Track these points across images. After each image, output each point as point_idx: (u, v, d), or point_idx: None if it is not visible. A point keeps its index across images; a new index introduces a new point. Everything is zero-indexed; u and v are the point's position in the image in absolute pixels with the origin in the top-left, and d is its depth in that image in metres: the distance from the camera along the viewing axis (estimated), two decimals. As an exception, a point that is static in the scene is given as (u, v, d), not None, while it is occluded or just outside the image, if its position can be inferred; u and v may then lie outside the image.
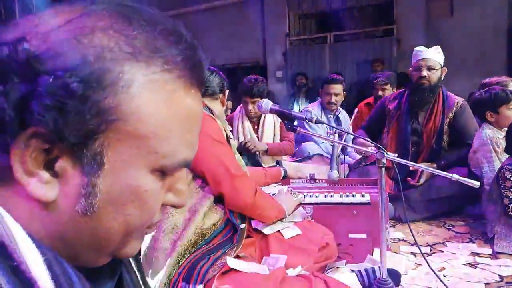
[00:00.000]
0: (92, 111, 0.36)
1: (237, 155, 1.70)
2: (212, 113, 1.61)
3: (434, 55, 2.70)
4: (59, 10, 0.40)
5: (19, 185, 0.37)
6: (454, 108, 2.75)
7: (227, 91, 1.76)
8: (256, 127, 3.10)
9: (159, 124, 0.40)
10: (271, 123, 3.10)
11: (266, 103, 1.60)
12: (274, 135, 3.12)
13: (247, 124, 3.07)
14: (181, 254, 1.36)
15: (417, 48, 2.80)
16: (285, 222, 1.68)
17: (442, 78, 2.76)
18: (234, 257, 1.38)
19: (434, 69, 2.70)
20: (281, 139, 3.11)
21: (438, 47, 2.73)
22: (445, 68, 2.75)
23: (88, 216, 0.39)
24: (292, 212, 1.75)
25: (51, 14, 0.40)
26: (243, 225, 1.51)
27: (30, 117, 0.35)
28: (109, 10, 0.40)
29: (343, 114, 3.60)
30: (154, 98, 0.39)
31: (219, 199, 1.51)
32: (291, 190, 1.86)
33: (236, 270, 1.31)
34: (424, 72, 2.69)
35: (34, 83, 0.35)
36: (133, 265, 0.54)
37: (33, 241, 0.36)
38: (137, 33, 0.39)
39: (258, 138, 3.06)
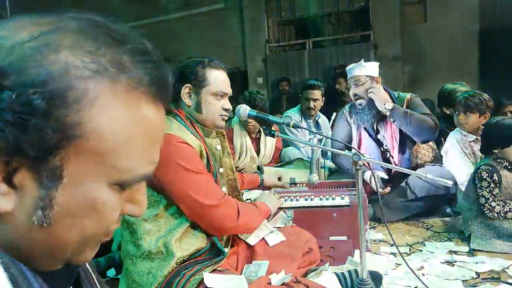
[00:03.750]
0: (53, 128, 0.36)
1: (229, 161, 1.63)
2: (194, 128, 1.48)
3: (358, 71, 2.73)
4: (25, 23, 0.40)
5: None
6: (405, 103, 2.76)
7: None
8: (253, 143, 3.13)
9: (120, 141, 0.40)
10: (270, 145, 3.17)
11: (244, 109, 1.60)
12: (271, 152, 3.22)
13: (248, 139, 3.10)
14: (159, 282, 1.34)
15: (346, 68, 2.85)
16: (267, 226, 1.69)
17: (375, 86, 2.73)
18: (211, 271, 1.37)
19: (362, 83, 2.71)
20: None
21: (362, 61, 2.76)
22: (378, 76, 2.75)
23: (44, 227, 0.39)
24: (274, 216, 1.76)
25: (16, 27, 0.39)
26: (227, 249, 1.49)
27: None
28: (76, 27, 0.40)
29: (322, 119, 3.65)
30: (117, 116, 0.40)
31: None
32: (274, 191, 1.89)
33: None
34: (353, 90, 2.75)
35: None
36: (92, 274, 0.55)
37: None
38: (103, 51, 0.40)
39: (257, 155, 3.13)
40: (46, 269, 0.43)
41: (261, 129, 3.09)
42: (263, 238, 1.61)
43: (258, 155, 3.12)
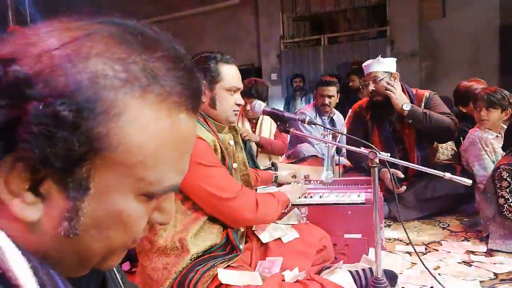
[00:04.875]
0: (80, 140, 0.35)
1: (242, 156, 1.62)
2: (207, 123, 1.47)
3: (376, 67, 2.68)
4: (55, 28, 0.39)
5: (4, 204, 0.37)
6: (423, 101, 2.71)
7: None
8: (254, 128, 3.15)
9: (149, 153, 0.39)
10: (268, 124, 3.16)
11: (259, 105, 1.61)
12: (270, 136, 3.17)
13: (247, 124, 3.13)
14: (173, 278, 1.35)
15: (363, 64, 2.81)
16: (281, 224, 1.69)
17: (393, 83, 2.67)
18: (225, 267, 1.36)
19: (380, 79, 2.66)
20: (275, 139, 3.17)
21: (379, 57, 2.71)
22: (396, 73, 2.70)
23: (70, 238, 0.39)
24: (290, 211, 1.76)
25: (46, 32, 0.38)
26: (242, 246, 1.48)
27: (16, 141, 0.34)
28: (107, 33, 0.39)
29: (337, 116, 3.62)
30: (146, 127, 0.38)
31: (215, 218, 1.44)
32: (296, 182, 1.92)
33: (227, 284, 1.30)
34: (371, 87, 2.69)
35: (23, 109, 0.34)
36: (117, 274, 0.55)
37: (18, 249, 0.36)
38: (135, 58, 0.38)
39: None
40: (75, 275, 0.43)
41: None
42: (277, 234, 1.61)
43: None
